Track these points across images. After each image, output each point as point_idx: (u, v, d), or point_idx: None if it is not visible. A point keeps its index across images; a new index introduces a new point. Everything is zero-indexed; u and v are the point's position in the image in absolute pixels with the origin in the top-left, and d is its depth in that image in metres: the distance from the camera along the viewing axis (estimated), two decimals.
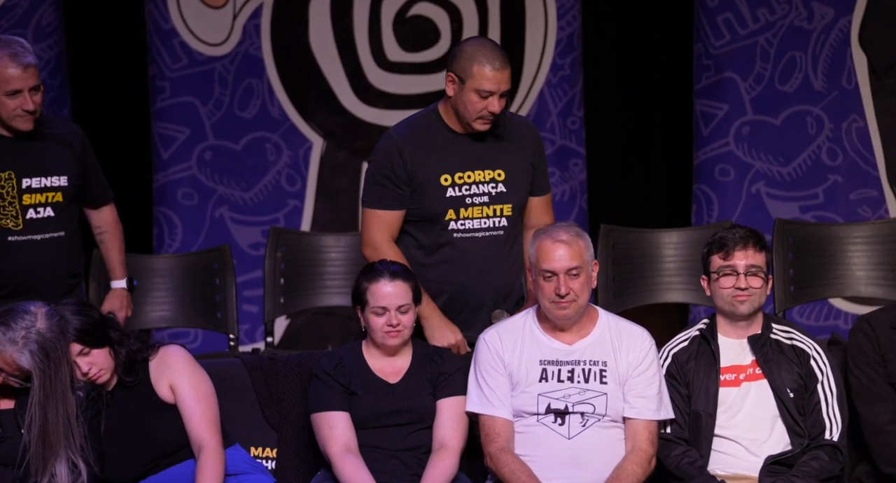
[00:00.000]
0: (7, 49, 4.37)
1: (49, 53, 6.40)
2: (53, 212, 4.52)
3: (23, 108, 4.39)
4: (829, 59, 6.46)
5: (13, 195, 4.46)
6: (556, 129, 6.58)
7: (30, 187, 4.48)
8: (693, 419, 4.19)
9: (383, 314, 4.14)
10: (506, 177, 4.45)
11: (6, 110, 4.40)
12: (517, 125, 4.53)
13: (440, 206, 4.41)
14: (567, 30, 6.58)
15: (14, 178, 4.46)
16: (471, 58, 4.32)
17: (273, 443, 4.37)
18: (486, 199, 4.44)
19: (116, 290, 4.79)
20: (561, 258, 4.09)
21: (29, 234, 4.49)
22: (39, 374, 3.90)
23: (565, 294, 4.08)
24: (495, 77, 4.31)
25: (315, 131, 6.58)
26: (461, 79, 4.34)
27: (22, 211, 4.47)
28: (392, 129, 4.48)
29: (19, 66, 4.36)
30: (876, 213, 6.45)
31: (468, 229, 4.44)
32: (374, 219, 4.40)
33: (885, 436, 4.22)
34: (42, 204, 4.50)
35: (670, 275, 5.66)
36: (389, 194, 4.40)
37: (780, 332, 4.27)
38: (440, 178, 4.41)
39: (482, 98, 4.33)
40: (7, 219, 4.47)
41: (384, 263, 4.23)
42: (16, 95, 4.37)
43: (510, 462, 4.08)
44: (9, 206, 4.46)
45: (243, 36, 6.52)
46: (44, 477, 3.92)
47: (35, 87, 4.38)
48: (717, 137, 6.49)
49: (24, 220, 4.48)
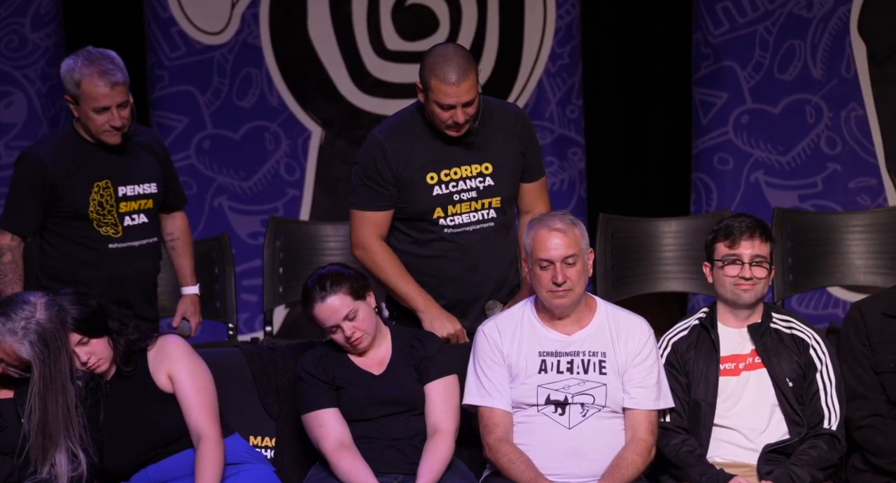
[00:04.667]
0: (96, 66, 4.43)
1: (47, 42, 6.40)
2: (147, 218, 4.61)
3: (110, 124, 4.45)
4: (829, 47, 6.46)
5: (111, 204, 4.54)
6: (555, 118, 6.58)
7: (125, 195, 4.57)
8: (692, 408, 4.19)
9: (337, 331, 4.13)
10: (493, 169, 4.43)
11: (94, 125, 4.47)
12: (502, 113, 4.47)
13: (427, 205, 4.41)
14: (566, 18, 6.57)
15: (111, 187, 4.54)
16: (430, 70, 4.28)
17: (272, 432, 4.37)
18: (473, 194, 4.43)
19: (189, 295, 4.86)
20: (557, 247, 4.09)
21: (128, 241, 4.57)
22: (39, 365, 3.90)
23: (562, 282, 4.07)
24: (452, 91, 4.26)
25: (314, 120, 6.58)
26: (425, 89, 4.31)
27: (119, 218, 4.56)
28: (375, 129, 4.46)
29: (107, 85, 4.41)
30: (875, 202, 6.45)
31: (458, 224, 4.44)
32: (362, 220, 4.39)
33: (864, 431, 4.22)
34: (136, 211, 4.59)
35: (669, 264, 5.66)
36: (376, 195, 4.40)
37: (779, 322, 4.27)
38: (426, 177, 4.39)
39: (444, 110, 4.30)
40: (108, 227, 4.55)
41: (313, 281, 4.16)
42: (104, 112, 4.44)
43: (509, 452, 4.08)
44: (108, 214, 4.54)
45: (242, 25, 6.51)
46: (43, 467, 3.92)
47: (123, 103, 4.45)
48: (716, 126, 6.49)
49: (122, 227, 4.57)
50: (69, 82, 4.46)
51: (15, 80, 6.39)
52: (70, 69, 4.47)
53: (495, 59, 6.59)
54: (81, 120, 4.49)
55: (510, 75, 6.58)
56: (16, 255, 4.57)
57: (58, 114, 6.45)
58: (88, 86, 4.42)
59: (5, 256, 4.55)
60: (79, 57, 4.48)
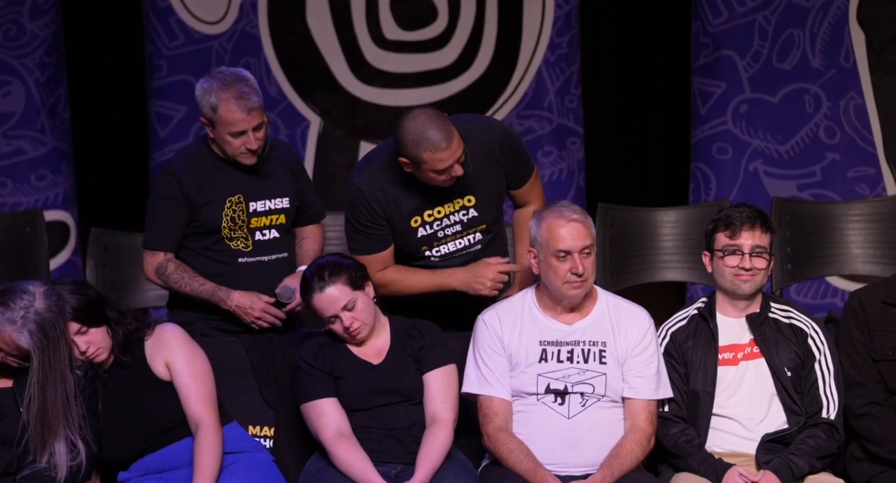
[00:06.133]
0: (232, 90, 4.38)
1: (45, 31, 6.39)
2: (278, 234, 4.59)
3: (246, 147, 4.43)
4: (828, 36, 6.45)
5: (243, 219, 4.52)
6: (554, 108, 6.57)
7: (256, 210, 4.55)
8: (691, 398, 4.19)
9: (336, 321, 4.14)
10: (476, 201, 4.41)
11: (231, 148, 4.44)
12: (478, 138, 4.37)
13: (413, 246, 4.42)
14: (564, 8, 6.56)
15: (244, 202, 4.52)
16: (416, 145, 4.20)
17: (271, 421, 4.38)
18: (458, 228, 4.43)
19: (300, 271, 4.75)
20: (575, 237, 4.06)
21: (257, 256, 4.55)
22: (38, 354, 3.90)
23: (582, 273, 4.06)
24: (447, 155, 4.19)
25: (312, 110, 6.57)
26: (415, 163, 4.24)
27: (250, 233, 4.54)
28: (356, 178, 4.39)
29: (244, 110, 4.38)
30: (873, 191, 6.45)
31: (444, 255, 4.45)
32: (368, 263, 4.34)
33: (862, 419, 4.23)
34: (267, 226, 4.57)
35: (668, 253, 5.66)
36: (373, 238, 4.39)
37: (778, 311, 4.27)
38: (410, 221, 4.39)
39: (441, 173, 4.24)
40: (238, 241, 4.54)
41: (311, 271, 4.16)
42: (240, 135, 4.41)
43: (508, 441, 4.08)
44: (239, 229, 4.53)
45: (240, 14, 6.50)
46: (43, 456, 3.92)
47: (258, 125, 4.42)
48: (715, 116, 6.49)
49: (252, 241, 4.55)
50: (205, 106, 4.41)
51: (13, 70, 6.38)
52: (206, 92, 4.41)
53: (494, 48, 6.59)
54: (217, 141, 4.46)
55: (509, 65, 6.58)
56: (175, 262, 4.52)
57: (56, 103, 6.45)
58: (225, 111, 4.37)
59: (168, 268, 4.52)
60: (214, 80, 4.42)
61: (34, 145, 6.40)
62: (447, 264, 4.44)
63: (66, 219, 6.48)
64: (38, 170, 6.42)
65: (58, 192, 6.44)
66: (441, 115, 4.24)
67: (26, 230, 5.57)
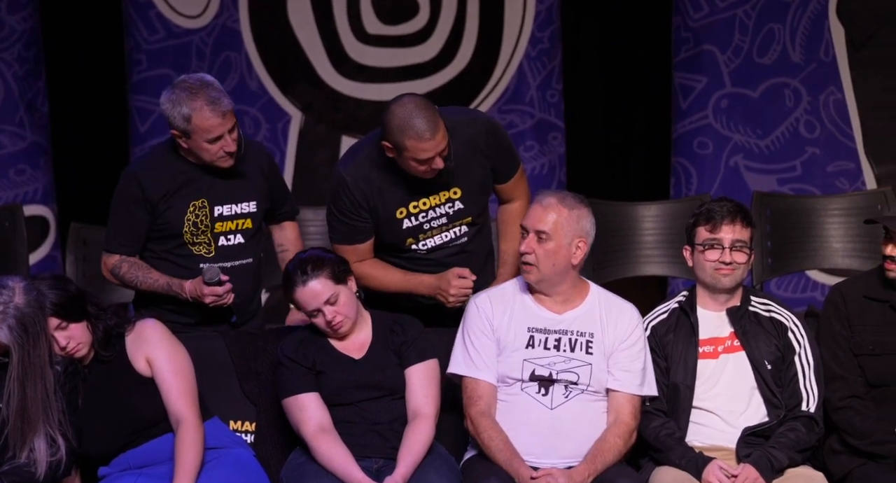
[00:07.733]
0: (202, 97, 4.29)
1: (23, 25, 6.36)
2: (244, 239, 4.52)
3: (224, 150, 4.37)
4: (807, 31, 6.47)
5: (206, 224, 4.46)
6: (535, 103, 6.58)
7: (221, 215, 4.48)
8: (671, 391, 4.20)
9: (318, 315, 4.13)
10: (462, 193, 4.41)
11: (209, 154, 4.37)
12: (465, 131, 4.37)
13: (398, 238, 4.41)
14: (546, 2, 6.56)
15: (208, 206, 4.46)
16: (400, 131, 4.19)
17: (252, 416, 4.37)
18: (443, 221, 4.43)
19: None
20: (532, 217, 4.13)
21: (220, 261, 4.48)
22: (18, 349, 3.89)
23: (524, 252, 4.11)
24: (430, 146, 4.19)
25: (293, 105, 6.56)
26: (397, 149, 4.24)
27: (214, 238, 4.48)
28: (341, 167, 4.39)
29: (218, 115, 4.30)
30: (853, 185, 6.47)
31: (431, 248, 4.45)
32: (345, 253, 4.34)
33: (842, 412, 4.24)
34: (233, 231, 4.51)
35: (649, 248, 5.67)
36: (354, 229, 4.38)
37: (758, 305, 4.28)
38: (395, 213, 4.38)
39: (422, 164, 4.24)
40: (201, 246, 4.49)
41: (294, 265, 4.16)
42: (217, 141, 4.34)
43: (489, 427, 4.09)
44: (201, 234, 4.47)
45: (221, 8, 6.48)
46: (22, 451, 3.91)
47: (232, 127, 4.36)
48: (696, 110, 6.50)
49: (216, 246, 4.49)
50: (177, 118, 4.30)
51: None
52: (175, 104, 4.31)
53: (475, 43, 6.58)
54: (193, 150, 4.38)
55: (490, 59, 6.58)
56: (129, 261, 4.48)
57: (35, 97, 6.42)
58: (200, 119, 4.29)
59: (122, 268, 4.48)
60: (179, 90, 4.32)
61: (13, 140, 6.38)
62: (434, 257, 4.44)
63: (46, 213, 6.46)
64: (17, 164, 6.40)
65: (37, 186, 6.42)
66: (430, 106, 4.23)
67: (5, 225, 5.55)
